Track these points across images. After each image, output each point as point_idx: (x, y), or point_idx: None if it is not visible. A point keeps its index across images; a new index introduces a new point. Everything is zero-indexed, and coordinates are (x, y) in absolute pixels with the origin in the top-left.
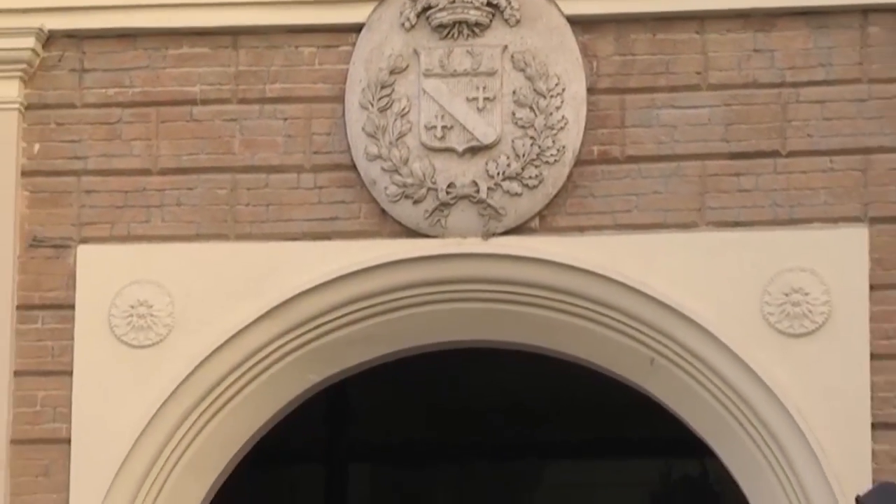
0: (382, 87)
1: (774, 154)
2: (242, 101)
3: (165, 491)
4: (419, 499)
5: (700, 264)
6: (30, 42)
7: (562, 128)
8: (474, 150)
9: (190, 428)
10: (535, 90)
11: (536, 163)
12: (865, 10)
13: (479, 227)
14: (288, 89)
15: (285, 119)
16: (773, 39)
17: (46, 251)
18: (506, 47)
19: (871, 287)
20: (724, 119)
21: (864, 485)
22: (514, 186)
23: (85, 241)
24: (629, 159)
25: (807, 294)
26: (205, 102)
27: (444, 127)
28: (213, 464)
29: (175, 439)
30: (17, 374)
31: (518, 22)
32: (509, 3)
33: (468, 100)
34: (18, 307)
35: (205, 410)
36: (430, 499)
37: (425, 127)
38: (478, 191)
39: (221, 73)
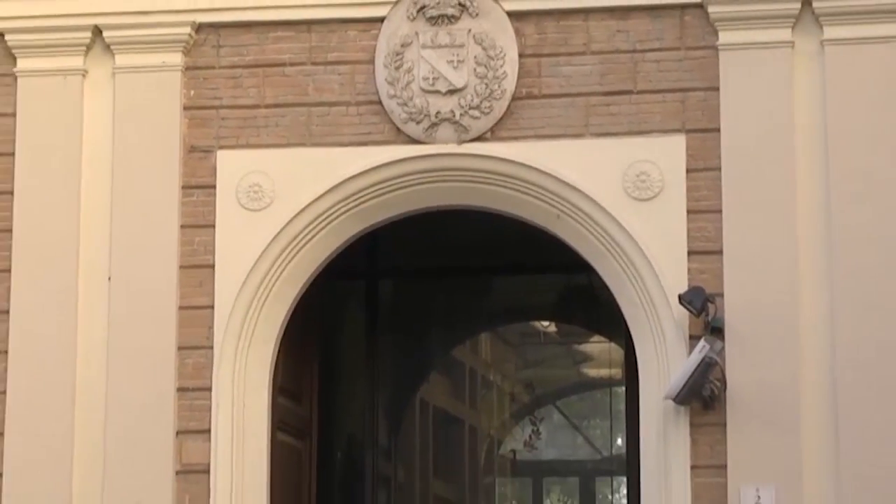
0: (396, 55)
1: (630, 92)
2: (314, 63)
3: (271, 296)
4: (421, 303)
5: (586, 158)
6: (187, 30)
7: (504, 78)
8: (452, 92)
9: (285, 258)
10: (487, 56)
11: (489, 99)
12: (683, 6)
13: (455, 138)
14: (340, 56)
15: (339, 74)
16: (629, 24)
17: (198, 154)
18: (470, 30)
19: (687, 171)
20: (600, 71)
21: (683, 288)
22: (476, 113)
23: (221, 147)
24: (544, 96)
25: (649, 175)
26: (291, 65)
27: (434, 78)
28: (299, 279)
29: (275, 265)
30: (182, 227)
31: (477, 15)
32: (472, 4)
33: (448, 62)
34: (182, 187)
35: (294, 247)
36: (429, 303)
37: (422, 78)
38: (454, 116)
39: (301, 47)
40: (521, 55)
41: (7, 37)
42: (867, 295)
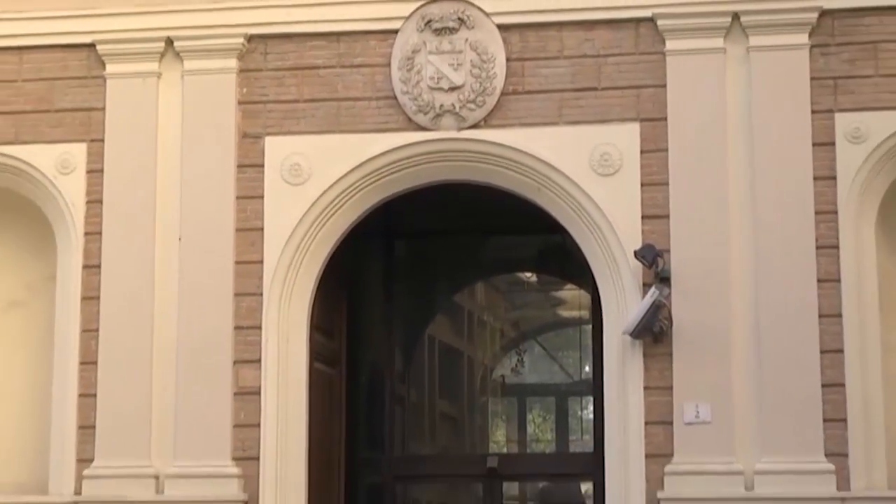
0: (408, 59)
1: (595, 89)
2: (342, 66)
3: (308, 253)
4: (428, 257)
5: (560, 142)
6: (241, 40)
7: (494, 77)
8: (453, 89)
9: (320, 222)
10: (481, 59)
11: (482, 95)
12: (638, 20)
13: (455, 125)
14: (364, 60)
15: (362, 75)
16: (594, 34)
17: (250, 140)
18: (467, 39)
19: (641, 152)
20: (571, 73)
21: (637, 245)
22: (472, 106)
23: (268, 134)
24: (527, 92)
25: (611, 155)
26: (324, 67)
27: (438, 78)
28: (330, 239)
29: (311, 229)
30: (237, 198)
31: (473, 27)
32: (468, 18)
33: (450, 65)
34: (237, 166)
35: (326, 214)
36: (435, 258)
37: (429, 78)
38: (454, 108)
39: (332, 53)
40: (508, 59)
41: (98, 47)
42: (783, 250)
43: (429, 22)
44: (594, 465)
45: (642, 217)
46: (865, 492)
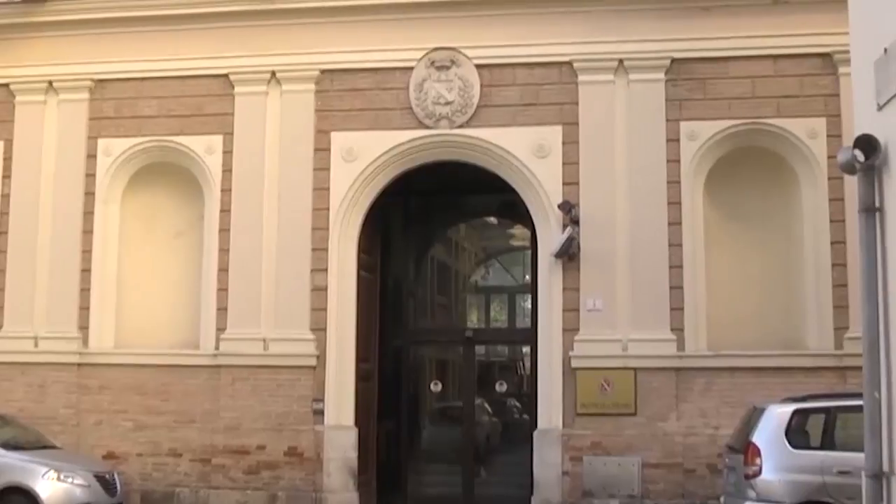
0: (419, 85)
1: (535, 104)
2: (379, 89)
3: (357, 204)
4: (431, 207)
5: (514, 137)
6: (317, 73)
7: (473, 96)
8: (447, 103)
9: (364, 185)
10: (465, 85)
11: (465, 107)
12: (561, 63)
13: (449, 126)
14: (392, 85)
15: (391, 95)
16: (534, 71)
17: (322, 134)
18: (456, 73)
19: (563, 143)
20: (520, 94)
21: (559, 200)
22: (459, 114)
23: (333, 130)
24: (493, 106)
25: (544, 146)
26: (367, 90)
27: (438, 97)
28: (370, 195)
29: (359, 189)
30: (314, 169)
31: (460, 65)
32: (457, 60)
33: (445, 89)
34: (314, 150)
35: (367, 180)
36: (435, 207)
37: (433, 97)
38: (448, 115)
39: (372, 81)
40: (481, 86)
41: (230, 76)
42: (650, 204)
43: (432, 62)
44: (531, 335)
45: (563, 184)
46: (694, 352)
